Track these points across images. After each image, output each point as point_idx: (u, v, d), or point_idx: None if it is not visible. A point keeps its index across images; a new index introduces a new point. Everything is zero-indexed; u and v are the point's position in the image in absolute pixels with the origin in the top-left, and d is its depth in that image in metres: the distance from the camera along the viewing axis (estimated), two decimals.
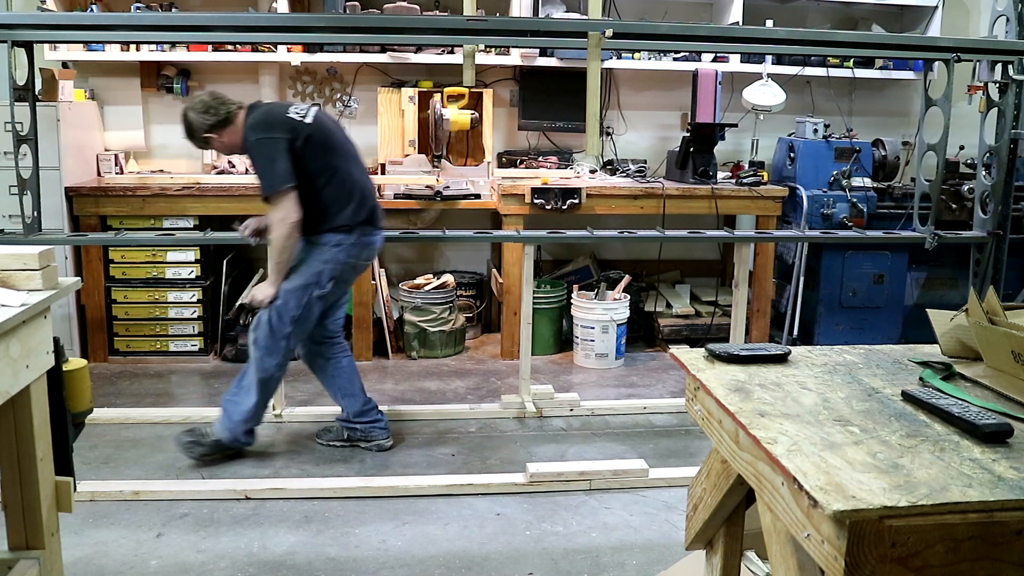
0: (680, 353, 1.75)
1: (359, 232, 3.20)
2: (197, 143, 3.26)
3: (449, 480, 3.10)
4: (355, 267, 3.28)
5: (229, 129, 3.16)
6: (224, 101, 3.17)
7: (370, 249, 3.29)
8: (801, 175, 4.67)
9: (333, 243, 3.16)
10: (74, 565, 2.50)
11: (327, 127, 3.22)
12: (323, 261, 3.16)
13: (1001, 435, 1.31)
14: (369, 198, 3.25)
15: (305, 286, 3.15)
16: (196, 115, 3.15)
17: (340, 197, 3.16)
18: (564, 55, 4.78)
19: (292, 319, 3.14)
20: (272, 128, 3.09)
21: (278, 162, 3.03)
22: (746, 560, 1.95)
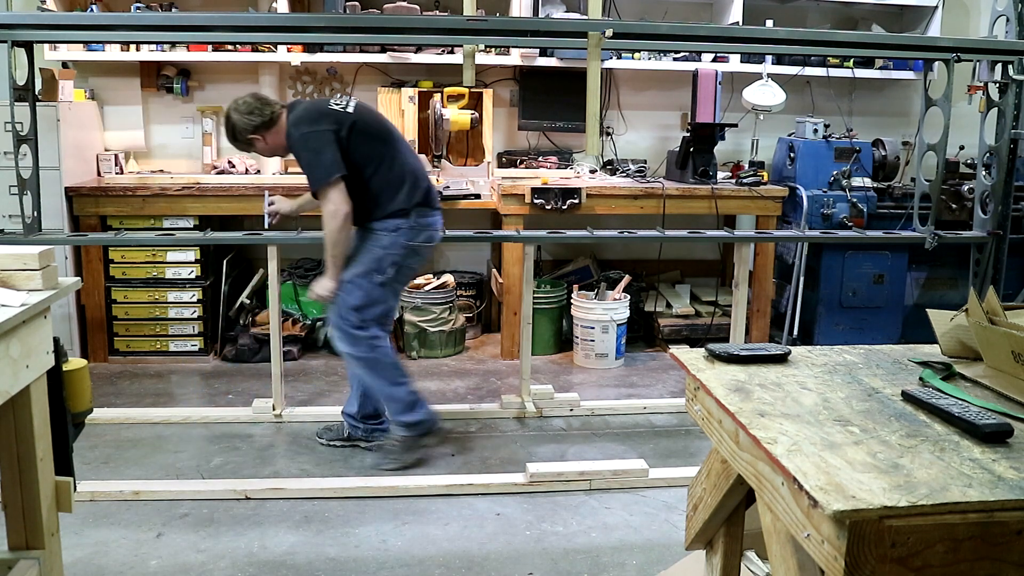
0: (680, 353, 1.75)
1: (416, 214, 3.18)
2: (240, 145, 3.24)
3: (449, 480, 3.10)
4: (416, 250, 3.23)
5: (273, 130, 3.14)
6: (268, 102, 3.16)
7: (429, 231, 3.25)
8: (801, 175, 4.67)
9: (391, 228, 3.15)
10: (74, 565, 2.50)
11: (370, 115, 3.22)
12: (382, 247, 3.15)
13: (1001, 435, 1.31)
14: (422, 180, 3.23)
15: (366, 273, 3.15)
16: (240, 117, 3.12)
17: (392, 182, 3.15)
18: (564, 55, 4.78)
19: (355, 308, 3.14)
20: (316, 121, 3.07)
21: (325, 153, 3.02)
22: (746, 560, 1.95)
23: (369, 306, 3.16)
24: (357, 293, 3.14)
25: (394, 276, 3.19)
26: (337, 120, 3.07)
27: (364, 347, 3.17)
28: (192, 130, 4.95)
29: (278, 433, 3.58)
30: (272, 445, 3.46)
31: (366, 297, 3.14)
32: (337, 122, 3.07)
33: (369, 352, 3.17)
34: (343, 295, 3.14)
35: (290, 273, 4.78)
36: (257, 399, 3.76)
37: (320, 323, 4.73)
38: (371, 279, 3.14)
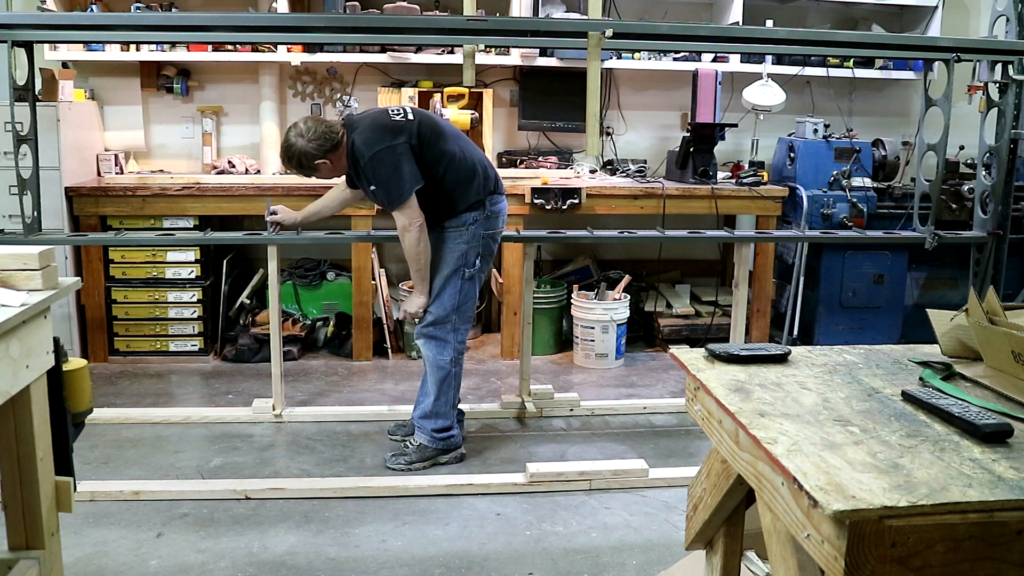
0: (680, 353, 1.75)
1: (489, 202, 3.21)
2: (305, 172, 3.14)
3: (449, 480, 3.10)
4: (493, 237, 3.26)
5: (339, 152, 3.09)
6: (330, 124, 3.09)
7: (501, 216, 3.28)
8: (801, 175, 4.67)
9: (469, 222, 3.17)
10: (74, 565, 2.50)
11: (427, 117, 3.22)
12: (464, 242, 3.17)
13: (1001, 435, 1.31)
14: (489, 167, 3.25)
15: (455, 271, 3.17)
16: (307, 143, 3.04)
17: (462, 178, 3.15)
18: (564, 55, 4.77)
19: (453, 307, 3.17)
20: (385, 138, 3.02)
21: (403, 168, 3.01)
22: (746, 560, 1.95)
23: (463, 304, 3.20)
24: (451, 292, 3.17)
25: (480, 267, 3.22)
26: (407, 131, 3.05)
27: (450, 356, 3.21)
28: (192, 130, 4.95)
29: (278, 433, 3.58)
30: (272, 445, 3.46)
31: (459, 295, 3.19)
32: (408, 133, 3.05)
33: (452, 365, 3.22)
34: (437, 301, 3.18)
35: (290, 273, 4.78)
36: (257, 399, 3.76)
37: (320, 323, 4.73)
38: (461, 275, 3.18)
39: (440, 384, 3.22)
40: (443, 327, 3.20)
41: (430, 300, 3.19)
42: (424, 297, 3.17)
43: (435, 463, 3.25)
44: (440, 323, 3.19)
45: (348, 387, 4.19)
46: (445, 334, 3.20)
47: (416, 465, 3.23)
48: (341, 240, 4.42)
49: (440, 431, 3.25)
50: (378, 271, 4.69)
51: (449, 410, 3.26)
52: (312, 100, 5.02)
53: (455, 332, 3.21)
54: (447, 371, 3.22)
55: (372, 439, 3.53)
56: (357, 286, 4.49)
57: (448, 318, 3.19)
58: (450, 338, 3.20)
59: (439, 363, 3.21)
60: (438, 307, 3.18)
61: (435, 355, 3.21)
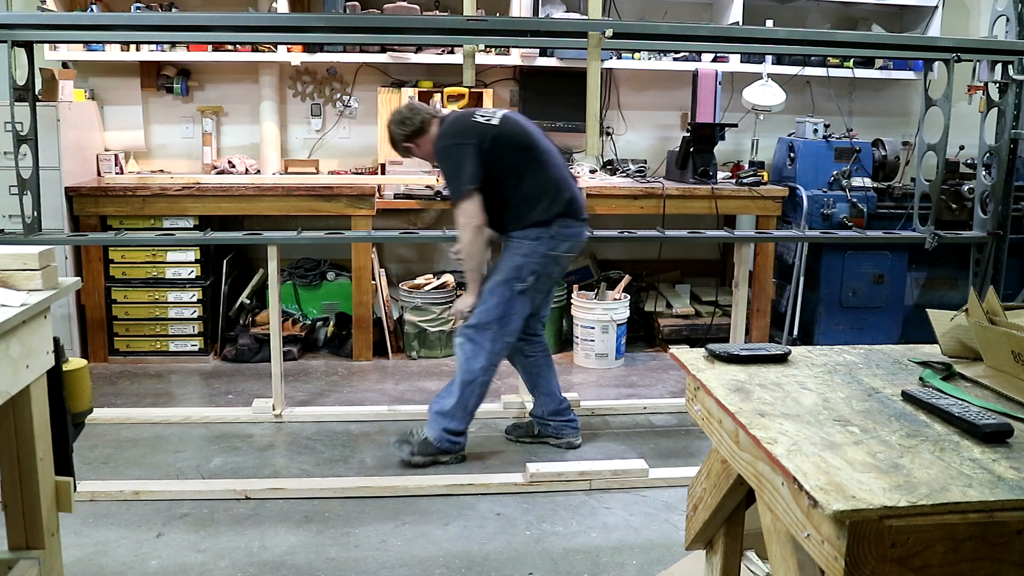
0: (680, 353, 1.75)
1: (558, 225, 3.20)
2: (401, 152, 3.37)
3: (449, 480, 3.10)
4: (556, 260, 3.24)
5: (425, 138, 3.24)
6: (418, 111, 3.26)
7: (571, 242, 3.26)
8: (801, 175, 4.67)
9: (532, 237, 3.18)
10: (74, 565, 2.50)
11: (516, 127, 3.24)
12: (522, 255, 3.18)
13: (1001, 435, 1.31)
14: (565, 190, 3.24)
15: (505, 281, 3.17)
16: (394, 127, 3.26)
17: (533, 194, 3.17)
18: (564, 55, 4.77)
19: (496, 317, 3.17)
20: (458, 134, 3.15)
21: (464, 166, 3.08)
22: (746, 560, 1.95)
23: (507, 316, 3.19)
24: (496, 301, 3.17)
25: (533, 284, 3.20)
26: (479, 134, 3.13)
27: (482, 364, 3.19)
28: (192, 130, 4.95)
29: (278, 433, 3.58)
30: (272, 445, 3.46)
31: (505, 305, 3.17)
32: (479, 135, 3.12)
33: (482, 374, 3.20)
34: (482, 304, 3.19)
35: (290, 273, 4.78)
36: (257, 399, 3.76)
37: (320, 323, 4.73)
38: (511, 287, 3.17)
39: (464, 387, 3.21)
40: (483, 332, 3.18)
41: (477, 302, 3.20)
42: (472, 297, 3.20)
43: (435, 461, 3.24)
44: (480, 327, 3.18)
45: (348, 387, 4.19)
46: (483, 340, 3.18)
47: (417, 458, 3.23)
48: (341, 240, 4.42)
49: (452, 432, 3.24)
50: (378, 271, 4.69)
51: (465, 416, 3.24)
52: (312, 100, 5.02)
53: (493, 342, 3.19)
54: (475, 377, 3.19)
55: (372, 439, 3.53)
56: (357, 286, 4.49)
57: (489, 325, 3.18)
58: (486, 345, 3.18)
59: (469, 367, 3.20)
60: (481, 312, 3.19)
61: (468, 358, 3.20)
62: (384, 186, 4.70)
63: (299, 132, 5.06)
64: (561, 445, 3.44)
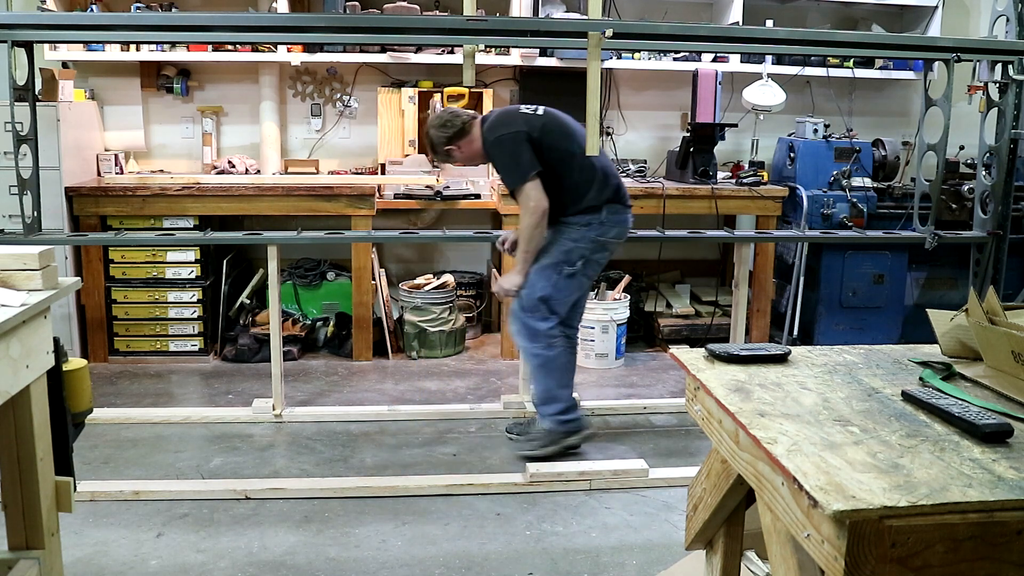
0: (680, 353, 1.75)
1: (607, 210, 3.25)
2: (440, 158, 3.43)
3: (449, 480, 3.10)
4: (604, 245, 3.29)
5: (467, 139, 3.30)
6: (458, 114, 3.34)
7: (619, 228, 3.31)
8: (801, 175, 4.67)
9: (582, 223, 3.23)
10: (74, 565, 2.50)
11: (558, 117, 3.31)
12: (572, 240, 3.23)
13: (1001, 435, 1.31)
14: (612, 177, 3.30)
15: (554, 264, 3.22)
16: (435, 131, 3.31)
17: (582, 180, 3.22)
18: (564, 55, 4.77)
19: (541, 299, 3.22)
20: (509, 125, 3.21)
21: (521, 153, 3.14)
22: (746, 560, 1.95)
23: (554, 297, 3.24)
24: (543, 283, 3.22)
25: (582, 269, 3.25)
26: (528, 123, 3.20)
27: (542, 344, 3.25)
28: (192, 130, 4.95)
29: (278, 433, 3.58)
30: (272, 445, 3.46)
31: (552, 288, 3.22)
32: (528, 124, 3.19)
33: (546, 350, 3.26)
34: (529, 287, 3.23)
35: (290, 273, 4.78)
36: (257, 399, 3.76)
37: (320, 323, 4.73)
38: (559, 270, 3.22)
39: (540, 370, 3.28)
40: (533, 315, 3.24)
41: (524, 284, 3.24)
42: (520, 277, 3.24)
43: (565, 448, 3.30)
44: (528, 310, 3.24)
45: (348, 387, 4.19)
46: (534, 322, 3.24)
47: (546, 449, 3.28)
48: (341, 240, 4.42)
49: (560, 413, 3.30)
50: (378, 271, 4.69)
51: (562, 392, 3.30)
52: (312, 100, 5.02)
53: (543, 320, 3.25)
54: (544, 357, 3.25)
55: (372, 439, 3.53)
56: (357, 286, 4.49)
57: (537, 307, 3.23)
58: (539, 326, 3.24)
59: (533, 351, 3.27)
60: (527, 293, 3.24)
61: (527, 343, 3.28)
62: (384, 186, 4.70)
63: (299, 132, 5.06)
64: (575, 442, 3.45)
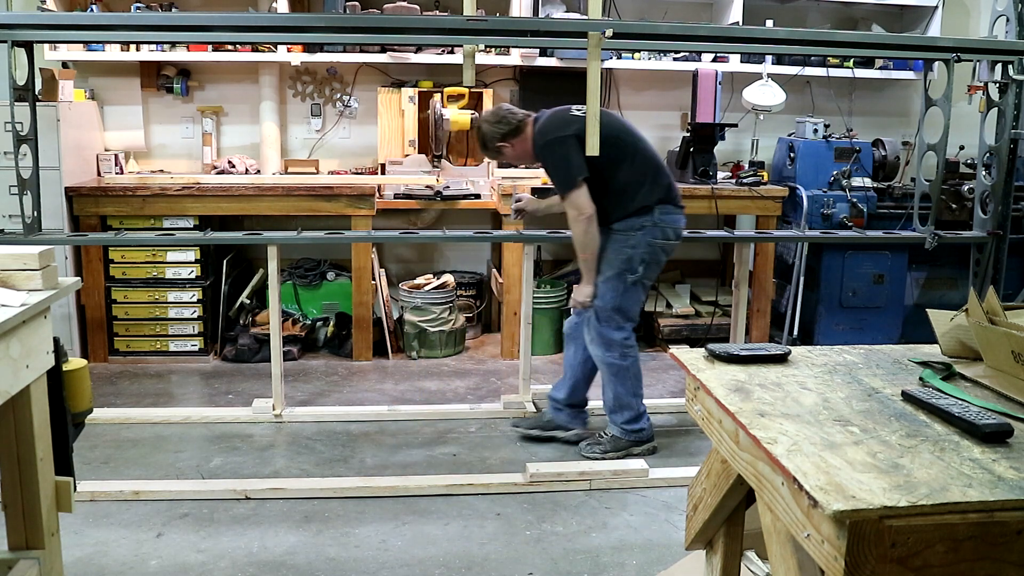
0: (680, 353, 1.75)
1: (659, 211, 3.25)
2: (490, 154, 3.43)
3: (449, 480, 3.10)
4: (663, 247, 3.30)
5: (520, 138, 3.30)
6: (514, 112, 3.33)
7: (673, 228, 3.31)
8: (801, 175, 4.67)
9: (636, 227, 3.23)
10: (74, 565, 2.50)
11: (610, 117, 3.30)
12: (631, 246, 3.23)
13: (1001, 435, 1.31)
14: (663, 176, 3.30)
15: (618, 274, 3.23)
16: (489, 126, 3.31)
17: (633, 180, 3.23)
18: (564, 55, 4.77)
19: (614, 308, 3.24)
20: (559, 128, 3.20)
21: (571, 158, 3.14)
22: (746, 560, 1.95)
23: (625, 306, 3.26)
24: (612, 294, 3.24)
25: (644, 273, 3.27)
26: (579, 126, 3.16)
27: (617, 353, 3.27)
28: (192, 130, 4.95)
29: (278, 433, 3.58)
30: (272, 445, 3.46)
31: (621, 298, 3.24)
32: (579, 127, 3.15)
33: (620, 359, 3.28)
34: (600, 299, 3.24)
35: (290, 273, 4.78)
36: (257, 399, 3.76)
37: (320, 323, 4.73)
38: (624, 280, 3.24)
39: (613, 379, 3.30)
40: (606, 325, 3.26)
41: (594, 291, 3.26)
42: (590, 287, 3.25)
43: (628, 454, 3.32)
44: (604, 321, 3.26)
45: (348, 387, 4.19)
46: (609, 332, 3.26)
47: (610, 454, 3.31)
48: (341, 240, 4.42)
49: (629, 422, 3.32)
50: (378, 271, 4.69)
51: (633, 400, 3.32)
52: (312, 100, 5.02)
53: (619, 330, 3.27)
54: (617, 366, 3.27)
55: (372, 439, 3.53)
56: (357, 286, 4.49)
57: (611, 318, 3.26)
58: (614, 336, 3.26)
59: (606, 360, 3.28)
60: (600, 304, 3.26)
61: (602, 353, 3.29)
62: (384, 186, 4.70)
63: (299, 132, 5.06)
64: (570, 438, 3.47)
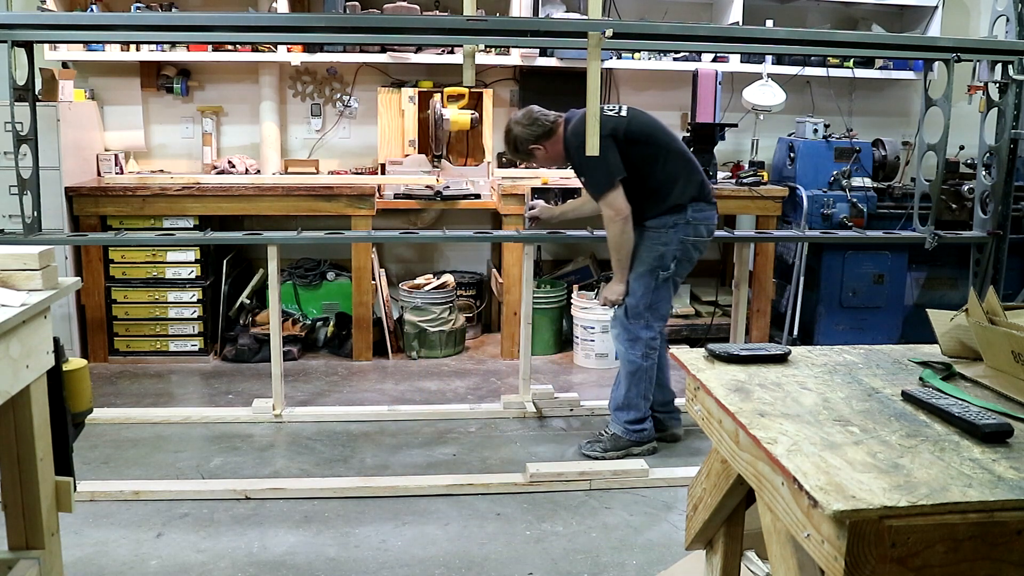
0: (680, 353, 1.75)
1: (692, 209, 3.25)
2: (521, 156, 3.40)
3: (449, 480, 3.10)
4: (695, 245, 3.30)
5: (552, 140, 3.29)
6: (546, 113, 3.31)
7: (706, 225, 3.31)
8: (801, 175, 4.67)
9: (669, 224, 3.23)
10: (74, 565, 2.50)
11: (642, 116, 3.31)
12: (663, 243, 3.23)
13: (1001, 435, 1.31)
14: (696, 173, 3.30)
15: (651, 271, 3.24)
16: (523, 129, 3.29)
17: (667, 179, 3.23)
18: (564, 55, 4.77)
19: (645, 306, 3.25)
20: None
21: (608, 158, 3.12)
22: (746, 560, 1.95)
23: (656, 303, 3.27)
24: (643, 291, 3.25)
25: (676, 270, 3.27)
26: (614, 126, 3.17)
27: (640, 352, 3.28)
28: (192, 130, 4.95)
29: (278, 433, 3.57)
30: (272, 445, 3.46)
31: (653, 295, 3.25)
32: (614, 128, 3.16)
33: (642, 360, 3.29)
34: (631, 295, 3.25)
35: (290, 273, 4.78)
36: (257, 399, 3.76)
37: (320, 323, 4.73)
38: (656, 276, 3.24)
39: (630, 377, 3.30)
40: (635, 322, 3.27)
41: (625, 290, 3.26)
42: (622, 285, 3.26)
43: (628, 454, 3.32)
44: (633, 318, 3.26)
45: (348, 387, 4.19)
46: (637, 330, 3.27)
47: (610, 453, 3.32)
48: (341, 240, 4.42)
49: (633, 422, 3.32)
50: (378, 271, 4.69)
51: (641, 402, 3.32)
52: (312, 100, 5.02)
53: (647, 328, 3.28)
54: (637, 365, 3.27)
55: (372, 439, 3.53)
56: (357, 286, 4.49)
57: (640, 315, 3.26)
58: (642, 334, 3.27)
59: (629, 357, 3.29)
60: (630, 303, 3.27)
61: (626, 349, 3.30)
62: (384, 186, 4.70)
63: (299, 132, 5.06)
64: (665, 438, 3.48)
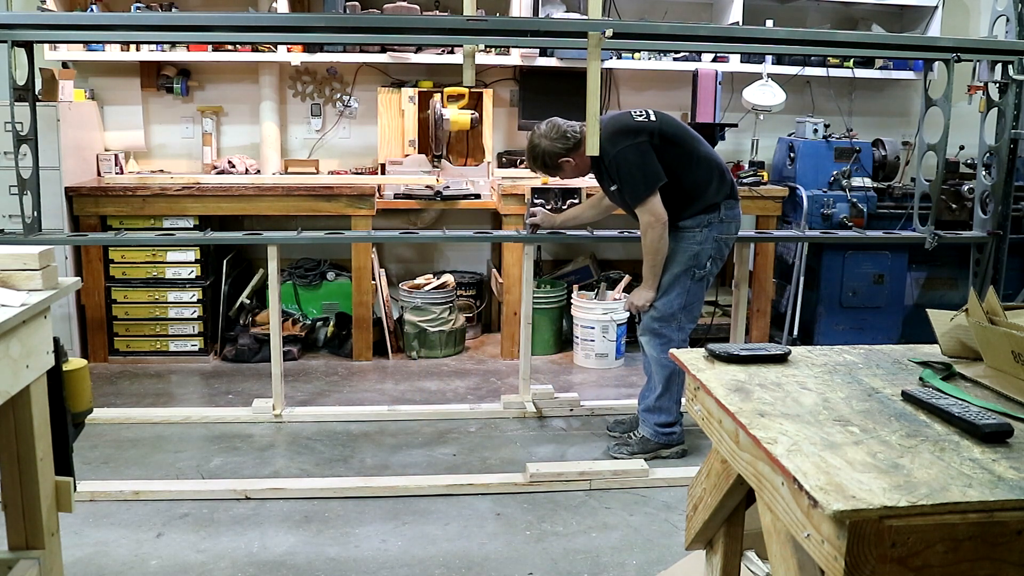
0: (680, 353, 1.75)
1: (725, 207, 3.25)
2: (549, 171, 3.37)
3: (449, 480, 3.10)
4: (726, 243, 3.30)
5: (580, 151, 3.24)
6: (572, 124, 3.27)
7: (736, 223, 3.32)
8: (801, 175, 4.67)
9: (704, 223, 3.23)
10: (74, 565, 2.50)
11: (670, 119, 3.30)
12: (698, 243, 3.23)
13: (1001, 435, 1.31)
14: (727, 172, 3.31)
15: (686, 271, 3.23)
16: (550, 143, 3.25)
17: (701, 180, 3.22)
18: (564, 55, 4.77)
19: (680, 306, 3.24)
20: (630, 135, 3.16)
21: (648, 164, 3.12)
22: (746, 560, 1.95)
23: (691, 304, 3.27)
24: (679, 291, 3.24)
25: (710, 270, 3.27)
26: (648, 131, 3.16)
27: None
28: (192, 130, 4.95)
29: (278, 433, 3.58)
30: (272, 445, 3.46)
31: (688, 295, 3.25)
32: (649, 132, 3.16)
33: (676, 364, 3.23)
34: (664, 297, 3.24)
35: (290, 273, 4.78)
36: (257, 399, 3.76)
37: (320, 323, 4.73)
38: (691, 275, 3.24)
39: (666, 380, 3.28)
40: (668, 324, 3.26)
41: (657, 295, 3.25)
42: (651, 291, 3.25)
43: (656, 456, 3.32)
44: (665, 320, 3.26)
45: (348, 387, 4.19)
46: (670, 332, 3.26)
47: (638, 456, 3.30)
48: (341, 240, 4.42)
49: (663, 425, 3.32)
50: (378, 271, 4.69)
51: (673, 406, 3.32)
52: (312, 100, 5.02)
53: (680, 330, 3.27)
54: (672, 368, 3.25)
55: (372, 439, 3.53)
56: (357, 286, 4.49)
57: (674, 316, 3.25)
58: (675, 336, 3.26)
59: (662, 361, 3.26)
60: (664, 304, 3.25)
61: (659, 353, 3.27)
62: (384, 186, 4.70)
63: (299, 132, 5.06)
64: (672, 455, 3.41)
